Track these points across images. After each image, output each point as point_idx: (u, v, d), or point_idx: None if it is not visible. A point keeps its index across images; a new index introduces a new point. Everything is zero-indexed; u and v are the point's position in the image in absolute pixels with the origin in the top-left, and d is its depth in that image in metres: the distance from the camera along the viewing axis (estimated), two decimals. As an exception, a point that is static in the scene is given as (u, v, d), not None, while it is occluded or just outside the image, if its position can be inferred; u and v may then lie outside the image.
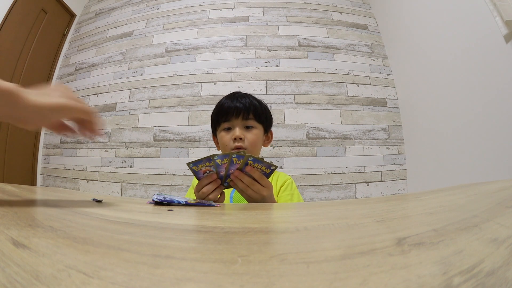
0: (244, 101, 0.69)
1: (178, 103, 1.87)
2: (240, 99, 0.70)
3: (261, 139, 0.73)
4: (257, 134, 0.70)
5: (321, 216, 0.32)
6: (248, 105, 0.69)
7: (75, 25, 2.48)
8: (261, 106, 0.72)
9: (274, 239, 0.20)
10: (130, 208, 0.39)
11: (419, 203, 0.38)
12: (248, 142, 0.67)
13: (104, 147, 1.91)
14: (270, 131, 0.78)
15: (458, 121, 1.33)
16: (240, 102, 0.69)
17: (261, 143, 0.73)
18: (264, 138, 0.75)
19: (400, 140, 1.82)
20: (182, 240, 0.18)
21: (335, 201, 0.47)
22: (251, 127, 0.69)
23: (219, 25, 2.04)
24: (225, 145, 0.69)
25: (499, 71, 1.10)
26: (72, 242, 0.16)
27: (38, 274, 0.11)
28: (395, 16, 1.90)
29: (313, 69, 1.90)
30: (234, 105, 0.68)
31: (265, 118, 0.72)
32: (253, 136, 0.68)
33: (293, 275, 0.11)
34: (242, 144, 0.66)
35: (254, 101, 0.71)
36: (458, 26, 1.31)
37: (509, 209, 0.26)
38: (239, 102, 0.69)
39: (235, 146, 0.66)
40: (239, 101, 0.69)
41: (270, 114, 0.76)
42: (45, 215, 0.29)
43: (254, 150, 0.69)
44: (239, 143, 0.66)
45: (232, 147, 0.66)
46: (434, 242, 0.16)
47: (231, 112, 0.68)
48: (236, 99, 0.70)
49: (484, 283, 0.10)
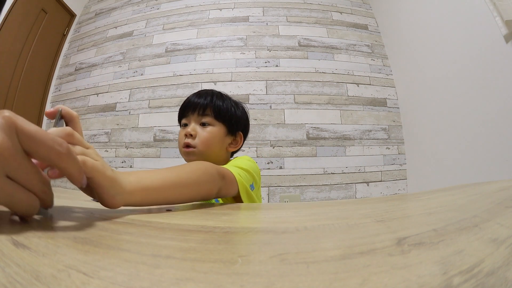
0: (204, 97, 0.64)
1: (178, 103, 1.87)
2: (202, 95, 0.64)
3: (219, 139, 0.64)
4: (212, 132, 0.62)
5: (321, 216, 0.32)
6: (209, 101, 0.63)
7: (75, 25, 2.48)
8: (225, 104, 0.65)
9: (274, 239, 0.20)
10: (130, 208, 0.39)
11: (419, 203, 0.38)
12: (199, 140, 0.61)
13: (104, 147, 1.91)
14: (239, 133, 0.69)
15: (458, 121, 1.33)
16: (199, 97, 0.64)
17: (219, 144, 0.64)
18: (228, 140, 0.66)
19: (400, 140, 1.82)
20: (182, 240, 0.18)
21: (335, 201, 0.47)
22: (207, 125, 0.63)
23: (219, 25, 2.04)
24: (179, 142, 0.65)
25: (499, 71, 1.10)
26: (72, 242, 0.16)
27: (38, 274, 0.11)
28: (395, 16, 1.90)
29: (313, 69, 1.90)
30: (193, 100, 0.64)
31: (228, 118, 0.65)
32: (206, 134, 0.61)
33: (293, 275, 0.11)
34: (191, 142, 0.61)
35: (217, 99, 0.64)
36: (458, 26, 1.31)
37: (509, 209, 0.26)
38: (199, 97, 0.64)
39: (184, 143, 0.61)
40: (200, 96, 0.64)
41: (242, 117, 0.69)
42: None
43: (207, 150, 0.61)
44: (188, 139, 0.61)
45: (182, 144, 0.62)
46: (434, 242, 0.16)
47: (188, 107, 0.64)
48: (197, 95, 0.65)
49: (484, 283, 0.10)
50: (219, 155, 0.65)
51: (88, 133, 1.98)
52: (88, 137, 1.97)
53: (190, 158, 0.62)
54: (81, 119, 1.74)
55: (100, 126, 1.96)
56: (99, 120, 1.98)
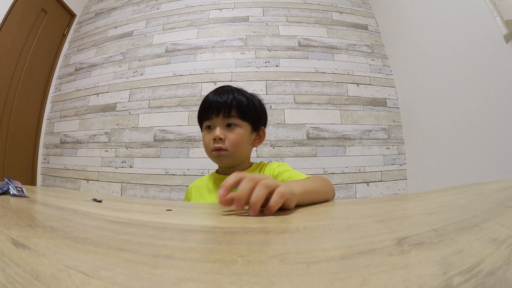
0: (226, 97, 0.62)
1: (178, 103, 1.87)
2: (223, 94, 0.63)
3: (247, 139, 0.65)
4: (241, 133, 0.63)
5: (321, 216, 0.32)
6: (230, 101, 0.62)
7: (75, 25, 2.48)
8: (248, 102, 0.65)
9: (274, 239, 0.20)
10: (130, 208, 0.39)
11: (419, 203, 0.38)
12: (229, 143, 0.61)
13: (104, 147, 1.91)
14: (262, 128, 0.69)
15: (458, 121, 1.33)
16: (221, 97, 0.62)
17: (247, 143, 0.65)
18: (253, 137, 0.67)
19: (400, 140, 1.82)
20: (182, 240, 0.18)
21: (335, 201, 0.47)
22: (234, 126, 0.62)
23: (219, 25, 2.04)
24: (206, 146, 0.64)
25: (499, 71, 1.10)
26: (72, 242, 0.16)
27: (38, 274, 0.11)
28: (395, 16, 1.90)
29: (313, 69, 1.90)
30: (215, 101, 0.62)
31: (252, 115, 0.65)
32: (235, 136, 0.62)
33: (293, 275, 0.11)
34: (222, 145, 0.61)
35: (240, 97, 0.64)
36: (458, 26, 1.31)
37: (509, 209, 0.26)
38: (220, 97, 0.62)
39: (215, 148, 0.61)
40: (220, 96, 0.62)
41: (262, 111, 0.69)
42: (45, 215, 0.29)
43: (237, 151, 0.63)
44: (218, 143, 0.61)
45: (212, 148, 0.62)
46: (434, 242, 0.16)
47: (211, 109, 0.62)
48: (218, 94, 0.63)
49: (484, 283, 0.10)
50: (247, 152, 0.67)
51: (88, 133, 1.98)
52: (88, 137, 1.97)
53: (223, 160, 0.63)
54: (81, 119, 1.74)
55: (100, 126, 1.96)
56: (99, 120, 1.98)
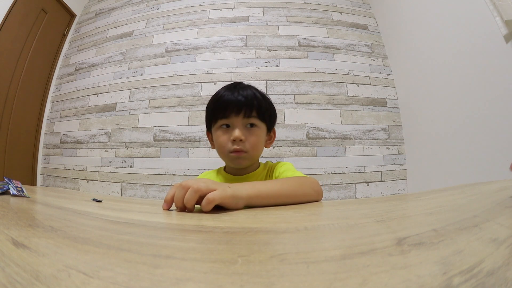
0: (246, 93, 0.59)
1: (178, 103, 1.87)
2: (242, 91, 0.59)
3: (263, 140, 0.63)
4: (260, 135, 0.61)
5: (321, 216, 0.32)
6: (251, 98, 0.59)
7: (75, 25, 2.48)
8: (265, 101, 0.62)
9: (274, 239, 0.20)
10: (130, 208, 0.39)
11: (419, 203, 0.38)
12: (250, 144, 0.58)
13: (104, 147, 1.91)
14: (273, 129, 0.67)
15: (458, 121, 1.33)
16: (241, 95, 0.58)
17: (263, 145, 0.63)
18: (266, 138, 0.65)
19: (400, 140, 1.82)
20: (182, 240, 0.18)
21: (335, 201, 0.47)
22: (253, 126, 0.59)
23: (219, 25, 2.04)
24: (221, 146, 0.60)
25: (499, 71, 1.10)
26: (72, 242, 0.16)
27: (38, 274, 0.11)
28: (395, 16, 1.90)
29: (313, 69, 1.90)
30: (235, 98, 0.58)
31: (269, 116, 0.63)
32: (255, 138, 0.59)
33: (293, 275, 0.11)
34: (243, 147, 0.58)
35: (258, 94, 0.61)
36: (458, 26, 1.31)
37: (509, 209, 0.26)
38: (241, 95, 0.58)
39: (234, 149, 0.58)
40: (241, 94, 0.59)
41: (275, 110, 0.66)
42: (45, 215, 0.29)
43: (255, 153, 0.61)
44: (239, 145, 0.57)
45: (230, 149, 0.58)
46: (434, 242, 0.16)
47: (231, 107, 0.58)
48: (237, 91, 0.59)
49: (484, 283, 0.10)
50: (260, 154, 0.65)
51: (88, 133, 1.98)
52: (88, 137, 1.97)
53: (241, 163, 0.60)
54: (81, 119, 1.74)
55: (100, 126, 1.96)
56: (99, 120, 1.98)
